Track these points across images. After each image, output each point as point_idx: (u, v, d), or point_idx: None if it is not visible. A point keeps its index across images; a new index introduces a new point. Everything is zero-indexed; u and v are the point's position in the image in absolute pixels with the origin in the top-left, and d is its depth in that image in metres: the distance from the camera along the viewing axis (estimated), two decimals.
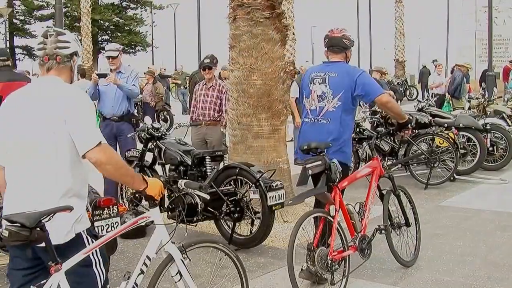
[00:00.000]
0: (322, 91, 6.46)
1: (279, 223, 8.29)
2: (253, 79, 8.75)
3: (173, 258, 4.25)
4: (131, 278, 4.08)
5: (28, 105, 3.81)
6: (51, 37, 3.87)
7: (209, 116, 10.34)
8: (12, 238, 3.38)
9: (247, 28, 8.78)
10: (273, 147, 8.86)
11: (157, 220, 4.25)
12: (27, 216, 3.42)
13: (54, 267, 3.53)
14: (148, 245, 4.24)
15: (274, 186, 7.07)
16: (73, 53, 3.95)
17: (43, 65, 3.91)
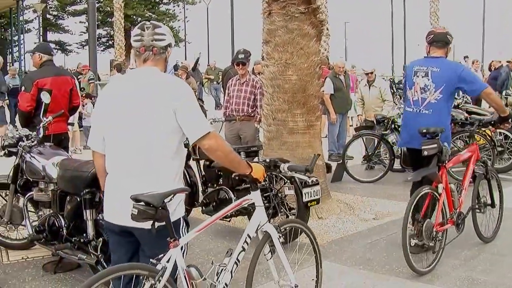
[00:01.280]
0: (424, 83, 7.06)
1: (314, 219, 8.25)
2: (289, 74, 8.71)
3: (271, 236, 4.56)
4: (233, 255, 4.36)
5: (132, 94, 3.98)
6: (148, 30, 4.04)
7: (243, 111, 10.30)
8: (140, 216, 3.64)
9: (282, 23, 8.74)
10: (308, 143, 8.82)
11: (257, 202, 4.59)
12: (153, 196, 3.66)
13: (172, 243, 3.78)
14: (249, 225, 4.58)
15: (310, 183, 7.01)
16: (168, 45, 4.12)
17: (139, 56, 4.08)
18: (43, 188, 6.53)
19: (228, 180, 7.50)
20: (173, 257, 3.77)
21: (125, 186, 3.92)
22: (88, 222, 5.88)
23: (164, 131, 3.90)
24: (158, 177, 3.91)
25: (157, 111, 3.87)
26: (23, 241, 7.23)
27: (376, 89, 12.98)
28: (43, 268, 6.67)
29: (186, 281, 3.91)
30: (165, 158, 3.94)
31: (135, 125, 3.92)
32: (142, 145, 3.91)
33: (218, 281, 4.24)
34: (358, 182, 11.45)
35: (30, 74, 7.87)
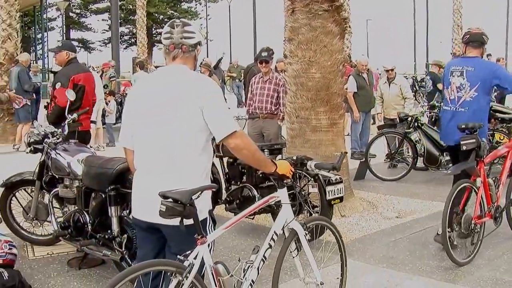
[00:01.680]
0: (460, 83, 7.27)
1: (337, 217, 8.25)
2: (312, 72, 8.70)
3: (297, 234, 4.57)
4: (259, 252, 4.38)
5: (160, 91, 4.02)
6: (178, 28, 4.08)
7: (266, 109, 10.31)
8: (168, 213, 3.65)
9: (306, 21, 8.73)
10: (331, 141, 8.81)
11: (284, 199, 4.61)
12: (182, 192, 3.68)
13: (200, 240, 3.80)
14: (275, 222, 4.60)
15: (333, 180, 7.00)
16: (197, 43, 4.17)
17: (168, 54, 4.12)
18: (68, 184, 6.59)
19: (252, 178, 7.50)
20: (200, 253, 3.79)
21: (152, 183, 3.96)
22: (113, 219, 5.92)
23: (191, 129, 3.92)
24: (184, 175, 3.93)
25: (184, 109, 3.90)
26: (48, 237, 7.30)
27: (396, 87, 12.89)
28: (68, 264, 6.72)
29: (213, 278, 3.93)
30: (192, 156, 3.96)
31: (162, 123, 3.95)
32: (168, 143, 3.94)
33: (245, 278, 4.25)
34: (381, 180, 11.42)
35: (65, 70, 7.96)
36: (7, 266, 5.94)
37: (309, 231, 4.74)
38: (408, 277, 6.29)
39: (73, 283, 6.22)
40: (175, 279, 3.67)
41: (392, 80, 12.93)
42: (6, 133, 17.04)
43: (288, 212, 4.61)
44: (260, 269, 4.36)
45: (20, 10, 19.55)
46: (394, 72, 12.98)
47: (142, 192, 4.06)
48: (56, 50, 8.26)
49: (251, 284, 4.28)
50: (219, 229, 4.11)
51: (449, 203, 6.55)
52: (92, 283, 6.20)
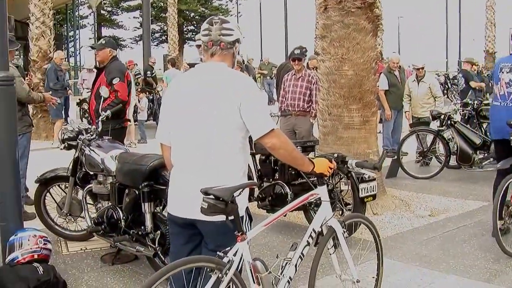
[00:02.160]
0: (509, 79, 7.32)
1: (369, 215, 8.17)
2: (345, 69, 8.68)
3: (335, 231, 4.58)
4: (297, 249, 4.37)
5: (197, 89, 4.03)
6: (216, 25, 4.07)
7: (298, 106, 10.33)
8: (210, 210, 3.67)
9: (338, 18, 8.71)
10: (363, 138, 8.77)
11: (323, 197, 4.59)
12: (223, 190, 3.69)
13: (240, 236, 3.82)
14: (314, 220, 4.59)
15: (366, 178, 6.97)
16: (236, 40, 4.13)
17: (207, 50, 4.11)
18: (102, 181, 6.64)
19: (284, 175, 7.49)
20: (240, 250, 3.80)
21: (189, 180, 3.98)
22: (146, 215, 5.96)
23: (228, 127, 3.91)
24: (222, 173, 3.92)
25: (222, 106, 3.89)
26: (82, 233, 7.37)
27: (425, 86, 12.69)
28: (101, 260, 6.78)
29: (251, 274, 3.93)
30: (229, 154, 3.95)
31: (200, 120, 3.94)
32: (205, 141, 3.94)
33: (283, 274, 4.25)
34: (413, 178, 11.34)
35: (119, 67, 8.19)
36: (42, 261, 6.00)
37: (347, 229, 4.74)
38: (442, 276, 6.24)
39: (106, 278, 6.27)
40: (214, 276, 3.68)
41: (421, 79, 12.76)
42: (39, 129, 17.18)
43: (327, 210, 4.60)
44: (298, 266, 4.36)
45: (53, 8, 19.69)
46: (423, 71, 12.84)
47: (179, 189, 4.07)
48: (99, 48, 8.37)
49: (288, 281, 4.27)
50: (258, 226, 4.12)
51: (499, 195, 6.69)
52: (125, 279, 6.24)
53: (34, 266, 5.83)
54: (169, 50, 37.18)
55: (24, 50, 33.82)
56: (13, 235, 6.13)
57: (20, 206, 6.52)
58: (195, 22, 62.08)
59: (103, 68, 8.39)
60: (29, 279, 5.64)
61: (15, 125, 6.42)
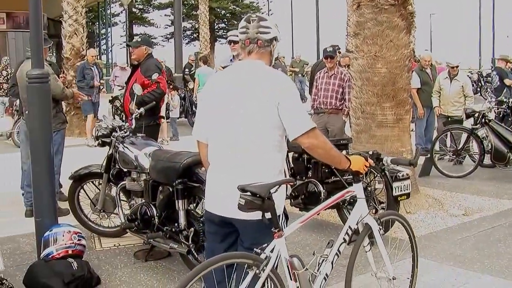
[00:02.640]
0: None
1: (402, 214, 8.13)
2: (378, 67, 8.62)
3: (371, 229, 4.57)
4: (334, 246, 4.38)
5: (235, 87, 4.03)
6: (253, 22, 4.06)
7: (330, 104, 10.32)
8: (247, 206, 3.68)
9: (371, 15, 8.65)
10: (396, 137, 8.71)
11: (359, 194, 4.57)
12: (260, 186, 3.69)
13: (277, 233, 3.82)
14: (350, 217, 4.58)
15: (400, 176, 6.92)
16: (273, 38, 4.12)
17: (244, 48, 4.11)
18: (136, 177, 6.67)
19: (318, 173, 7.46)
20: (277, 247, 3.80)
21: (225, 178, 3.99)
22: (180, 212, 5.97)
23: (266, 126, 3.91)
24: (259, 172, 3.91)
25: (259, 105, 3.88)
26: (115, 229, 7.42)
27: (458, 84, 12.48)
28: (134, 256, 6.81)
29: (288, 271, 3.93)
30: (266, 153, 3.95)
31: (237, 119, 3.94)
32: (243, 139, 3.94)
33: (319, 271, 4.26)
34: (447, 177, 11.24)
35: (155, 63, 8.35)
36: (76, 257, 6.07)
37: (383, 226, 4.73)
38: (476, 276, 6.18)
39: (139, 274, 6.30)
40: (252, 272, 3.69)
41: (454, 77, 12.59)
42: (72, 126, 17.30)
43: (363, 207, 4.57)
44: (334, 263, 4.36)
45: (85, 6, 19.83)
46: (457, 69, 12.67)
47: (216, 187, 4.07)
48: (135, 45, 8.44)
49: (325, 278, 4.28)
50: (295, 223, 4.12)
51: None
52: (158, 276, 6.26)
53: (69, 262, 5.89)
54: (200, 48, 37.22)
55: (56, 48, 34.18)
56: (48, 230, 6.20)
57: (55, 202, 6.60)
58: (226, 19, 62.12)
59: (138, 65, 8.44)
60: (64, 274, 5.71)
61: (50, 122, 6.47)
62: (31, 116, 6.40)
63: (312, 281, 4.19)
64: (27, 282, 5.81)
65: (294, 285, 3.97)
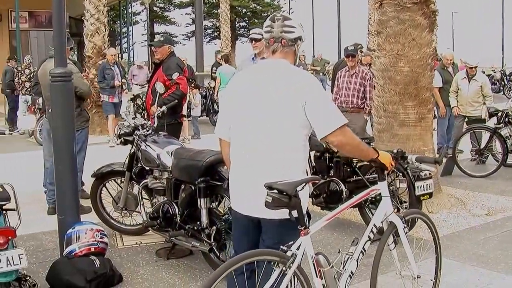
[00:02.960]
0: None
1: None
2: (400, 66, 8.58)
3: (396, 227, 4.57)
4: (359, 244, 4.39)
5: (259, 85, 4.03)
6: (278, 22, 4.08)
7: (352, 103, 10.31)
8: (274, 204, 3.70)
9: (394, 14, 8.62)
10: (419, 136, 8.67)
11: (384, 192, 4.60)
12: (287, 184, 3.71)
13: (303, 231, 3.85)
14: (375, 215, 4.61)
15: (423, 176, 6.87)
16: (297, 38, 4.12)
17: (268, 47, 4.13)
18: (158, 176, 6.69)
19: (339, 172, 7.45)
20: (303, 244, 3.82)
21: (249, 177, 4.01)
22: (202, 211, 5.99)
23: (292, 125, 3.91)
24: (282, 170, 3.91)
25: (284, 104, 3.89)
26: (137, 227, 7.44)
27: (476, 84, 12.31)
28: (156, 254, 6.83)
29: (314, 268, 3.96)
30: (291, 152, 3.95)
31: (262, 118, 3.95)
32: (267, 138, 3.94)
33: (344, 269, 4.27)
34: (469, 176, 11.15)
35: (177, 62, 8.46)
36: (98, 254, 6.09)
37: (408, 224, 4.74)
38: (500, 277, 6.13)
39: (161, 272, 6.32)
40: (278, 269, 3.70)
41: (472, 77, 12.42)
42: (93, 124, 17.34)
43: (388, 205, 4.59)
44: (359, 261, 4.37)
45: (107, 4, 19.91)
46: (476, 69, 12.51)
47: (241, 186, 4.09)
48: (158, 45, 8.47)
49: (350, 276, 4.29)
50: (321, 220, 4.14)
51: None
52: (180, 274, 6.28)
53: (91, 259, 5.92)
54: (221, 46, 37.26)
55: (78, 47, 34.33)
56: (71, 228, 6.23)
57: (78, 200, 6.62)
58: (247, 18, 62.15)
59: (160, 63, 8.47)
60: (86, 272, 5.74)
61: (73, 120, 6.51)
62: (54, 115, 6.43)
63: (337, 279, 4.19)
64: (50, 279, 5.84)
65: (320, 283, 4.00)
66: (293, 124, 3.90)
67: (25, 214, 4.78)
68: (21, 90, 18.36)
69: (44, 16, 35.29)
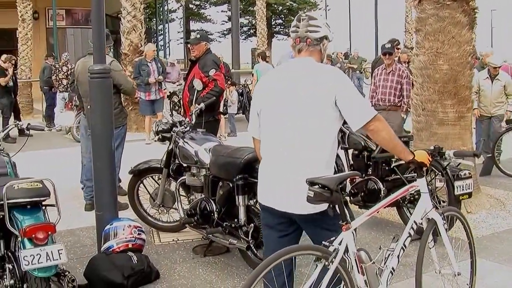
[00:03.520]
0: None
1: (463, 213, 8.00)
2: (439, 64, 8.48)
3: (436, 223, 4.58)
4: (399, 240, 4.40)
5: (289, 83, 4.08)
6: (303, 21, 4.14)
7: (389, 101, 10.24)
8: (316, 198, 3.73)
9: (433, 11, 8.52)
10: (458, 135, 8.56)
11: (423, 189, 4.60)
12: (329, 179, 3.77)
13: (345, 226, 3.87)
14: (415, 212, 4.60)
15: (462, 175, 6.79)
16: (323, 37, 4.18)
17: (294, 47, 4.19)
18: (196, 173, 6.70)
19: (378, 170, 7.39)
20: (344, 240, 3.84)
21: (280, 173, 4.05)
22: (240, 208, 5.98)
23: (321, 121, 3.96)
24: (312, 166, 3.96)
25: (313, 101, 3.95)
26: (174, 224, 7.46)
27: (500, 83, 12.04)
28: (193, 251, 6.85)
29: (356, 264, 3.97)
30: (321, 148, 4.00)
31: (293, 115, 4.00)
32: (299, 135, 3.98)
33: (386, 265, 4.28)
34: (509, 176, 10.99)
35: (213, 58, 8.45)
36: (136, 251, 6.13)
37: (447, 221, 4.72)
38: None
39: (198, 270, 6.33)
40: (320, 264, 3.72)
41: (495, 77, 12.17)
42: (130, 121, 17.36)
43: (427, 202, 4.58)
44: (400, 257, 4.37)
45: (143, 2, 20.00)
46: (499, 69, 12.23)
47: (275, 181, 4.11)
48: (195, 42, 8.48)
49: (391, 272, 4.29)
50: (363, 216, 4.17)
51: None
52: (217, 271, 6.28)
53: (129, 255, 5.95)
54: (258, 43, 37.26)
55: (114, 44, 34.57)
56: (109, 224, 6.27)
57: (116, 197, 6.67)
58: (283, 15, 62.06)
59: (196, 61, 8.48)
60: (124, 268, 5.77)
61: (111, 117, 6.54)
62: (93, 111, 6.47)
63: (379, 275, 4.20)
64: (88, 275, 5.88)
65: (362, 279, 4.01)
66: (322, 120, 3.96)
67: (63, 210, 4.81)
68: (59, 87, 18.53)
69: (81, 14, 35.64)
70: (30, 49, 24.63)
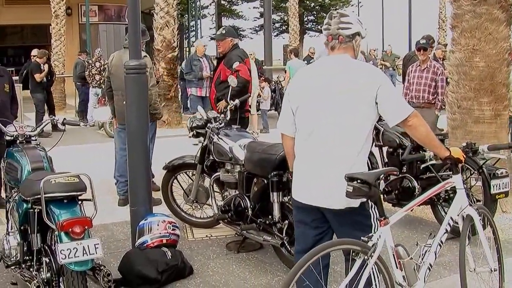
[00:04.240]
0: None
1: (497, 213, 7.86)
2: (476, 61, 8.38)
3: (473, 220, 4.58)
4: (436, 237, 4.42)
5: (325, 81, 4.11)
6: (335, 19, 4.17)
7: (423, 98, 10.16)
8: (355, 193, 3.80)
9: (469, 7, 8.40)
10: (494, 133, 8.44)
11: (458, 185, 4.60)
12: (368, 174, 3.87)
13: (383, 221, 3.95)
14: (451, 208, 4.63)
15: (499, 174, 6.71)
16: (355, 34, 4.20)
17: (327, 44, 4.23)
18: (230, 169, 6.71)
19: (412, 169, 7.34)
20: (383, 235, 3.90)
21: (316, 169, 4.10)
22: (274, 204, 5.98)
23: (358, 117, 4.01)
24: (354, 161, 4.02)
25: (349, 97, 3.98)
26: (207, 220, 7.47)
27: None
28: (226, 247, 6.86)
29: (394, 259, 4.01)
30: (356, 144, 4.04)
31: (328, 111, 4.04)
32: (335, 132, 4.03)
33: (423, 261, 4.31)
34: None
35: (238, 53, 8.45)
36: (170, 246, 6.15)
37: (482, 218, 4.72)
38: None
39: (231, 266, 6.33)
40: (359, 259, 3.77)
41: None
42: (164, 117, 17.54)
43: (463, 198, 4.59)
44: (437, 253, 4.40)
45: None
46: None
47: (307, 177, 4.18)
48: (220, 38, 8.46)
49: (429, 268, 4.32)
50: (401, 211, 4.24)
51: None
52: (251, 267, 6.28)
53: (163, 251, 5.98)
54: (290, 40, 37.19)
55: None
56: (143, 219, 6.30)
57: (150, 192, 6.68)
58: (316, 12, 61.83)
59: (223, 57, 8.47)
60: (158, 263, 5.80)
61: (147, 112, 6.56)
62: (128, 107, 6.49)
63: (416, 271, 4.21)
64: (122, 269, 5.92)
65: (400, 274, 4.04)
66: (359, 117, 4.00)
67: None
68: (91, 83, 18.65)
69: (113, 10, 35.86)
70: (63, 44, 24.79)
